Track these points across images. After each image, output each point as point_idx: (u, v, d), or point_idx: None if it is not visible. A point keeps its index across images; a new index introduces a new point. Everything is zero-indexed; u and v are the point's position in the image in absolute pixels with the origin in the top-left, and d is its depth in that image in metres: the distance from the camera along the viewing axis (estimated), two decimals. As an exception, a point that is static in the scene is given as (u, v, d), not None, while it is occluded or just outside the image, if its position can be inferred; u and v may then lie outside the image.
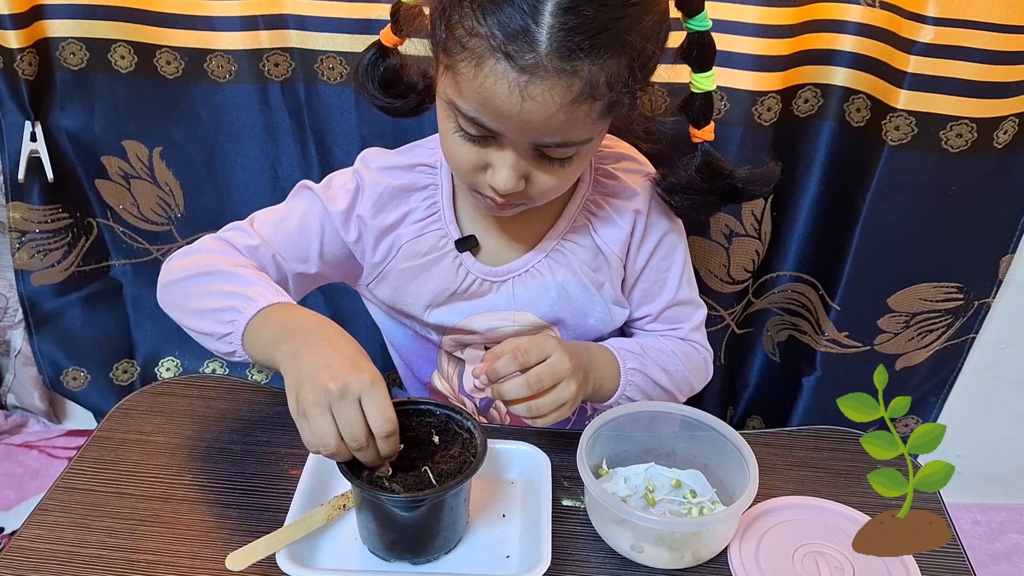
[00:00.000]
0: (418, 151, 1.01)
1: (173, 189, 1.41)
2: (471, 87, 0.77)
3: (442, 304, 1.01)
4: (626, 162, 1.02)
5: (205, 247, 0.97)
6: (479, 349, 1.05)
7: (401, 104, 0.97)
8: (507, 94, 0.75)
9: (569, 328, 1.03)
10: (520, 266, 1.00)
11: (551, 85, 0.74)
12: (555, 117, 0.77)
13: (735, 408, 1.60)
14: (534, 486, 0.89)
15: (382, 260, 1.00)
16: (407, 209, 0.98)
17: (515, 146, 0.82)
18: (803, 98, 1.25)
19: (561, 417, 0.87)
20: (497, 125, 0.79)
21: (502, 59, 0.74)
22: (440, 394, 1.12)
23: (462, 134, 0.83)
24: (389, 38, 0.94)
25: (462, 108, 0.80)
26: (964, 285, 1.37)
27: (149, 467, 0.92)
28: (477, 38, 0.75)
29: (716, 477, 0.89)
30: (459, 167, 0.87)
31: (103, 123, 1.36)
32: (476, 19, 0.74)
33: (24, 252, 1.46)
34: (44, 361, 1.57)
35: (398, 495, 0.75)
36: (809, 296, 1.43)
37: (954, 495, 0.97)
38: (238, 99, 1.31)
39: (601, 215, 1.00)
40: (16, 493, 1.61)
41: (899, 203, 1.26)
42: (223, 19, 1.24)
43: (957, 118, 1.17)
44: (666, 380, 1.02)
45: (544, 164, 0.84)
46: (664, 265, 1.04)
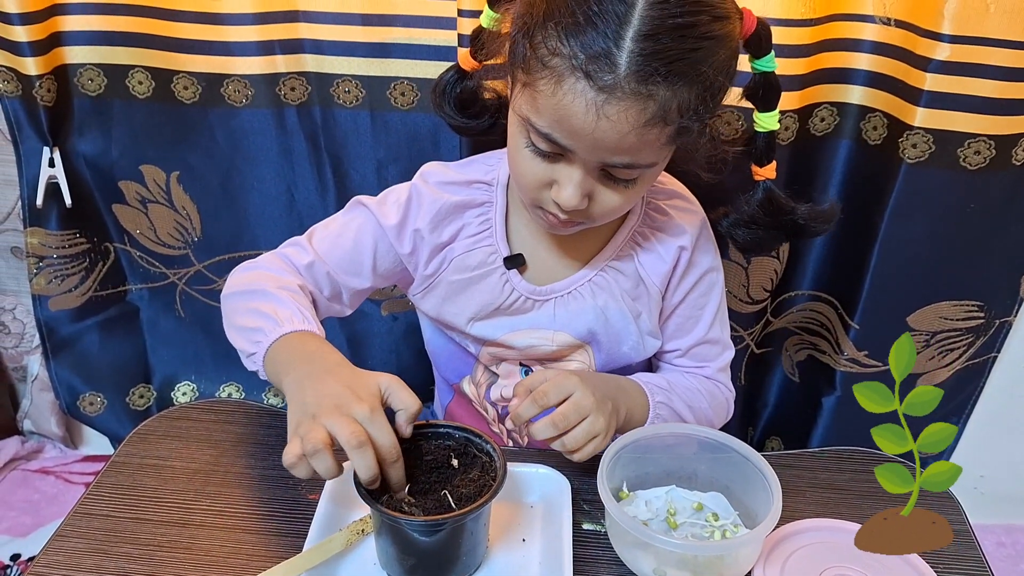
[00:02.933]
0: (476, 167, 1.04)
1: (190, 213, 1.41)
2: (549, 104, 0.80)
3: (485, 318, 1.03)
4: (677, 200, 1.04)
5: (263, 263, 1.02)
6: (514, 364, 1.07)
7: (475, 124, 1.04)
8: (583, 112, 0.78)
9: (603, 351, 1.04)
10: (564, 287, 1.02)
11: (627, 106, 0.77)
12: (627, 138, 0.79)
13: (754, 428, 1.59)
14: (554, 510, 0.88)
15: (434, 273, 1.03)
16: (461, 224, 1.01)
17: (583, 164, 0.84)
18: (819, 116, 1.25)
19: (599, 448, 0.89)
20: (570, 142, 0.82)
21: (582, 78, 0.77)
22: (465, 397, 1.14)
23: (532, 149, 0.86)
24: (467, 61, 1.00)
25: (537, 124, 0.83)
26: (984, 303, 1.35)
27: (167, 492, 0.92)
28: (559, 57, 0.78)
29: (738, 499, 0.88)
30: (526, 182, 0.90)
31: (121, 148, 1.37)
32: (560, 40, 0.78)
33: (42, 277, 1.46)
34: (61, 386, 1.57)
35: (417, 519, 0.75)
36: (828, 315, 1.42)
37: (978, 516, 0.96)
38: (255, 123, 1.32)
39: (647, 247, 1.02)
40: (33, 519, 1.61)
41: (917, 221, 1.25)
42: (240, 44, 1.25)
43: (975, 135, 1.17)
44: (689, 416, 1.04)
45: (608, 184, 0.87)
46: (700, 303, 1.06)
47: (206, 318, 1.53)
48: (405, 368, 1.53)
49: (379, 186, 1.32)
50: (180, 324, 1.55)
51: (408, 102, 1.27)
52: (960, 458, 1.53)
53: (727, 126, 0.98)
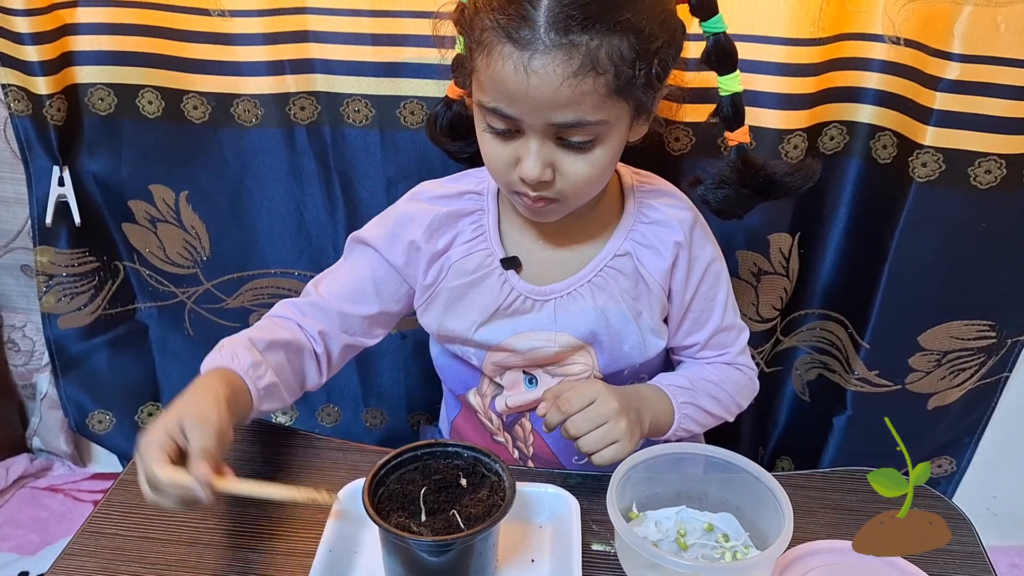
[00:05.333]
0: (467, 180, 1.07)
1: (199, 232, 1.42)
2: (487, 77, 0.85)
3: (487, 321, 1.04)
4: (666, 198, 1.05)
5: (274, 311, 1.07)
6: (517, 373, 1.09)
7: (465, 145, 1.09)
8: (514, 73, 0.82)
9: (605, 352, 1.05)
10: (563, 288, 1.03)
11: (551, 58, 0.80)
12: (561, 91, 0.82)
13: (764, 448, 1.58)
14: (563, 530, 0.87)
15: (433, 282, 1.05)
16: (456, 232, 1.04)
17: (535, 132, 0.87)
18: (829, 135, 1.25)
19: (620, 454, 0.91)
20: (513, 109, 0.85)
21: (507, 42, 0.82)
22: (472, 409, 1.15)
23: (491, 132, 0.90)
24: (453, 91, 1.06)
25: (484, 102, 0.87)
26: (996, 323, 1.34)
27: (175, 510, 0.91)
28: (487, 32, 0.83)
29: (749, 520, 0.88)
30: (494, 167, 0.93)
31: (130, 167, 1.38)
32: (487, 15, 0.83)
33: (51, 296, 1.47)
34: (70, 404, 1.57)
35: (426, 539, 0.74)
36: (838, 334, 1.41)
37: (991, 538, 0.95)
38: (264, 143, 1.32)
39: (644, 244, 1.03)
40: (41, 537, 1.60)
41: (928, 240, 1.25)
42: (250, 64, 1.26)
43: (985, 154, 1.16)
44: (716, 407, 1.07)
45: (568, 150, 0.88)
46: (711, 294, 1.08)
47: (215, 336, 1.50)
48: (414, 385, 1.53)
49: (388, 205, 1.32)
50: (189, 342, 1.55)
51: (417, 121, 1.27)
52: (972, 480, 1.52)
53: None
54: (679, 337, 1.10)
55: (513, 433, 1.14)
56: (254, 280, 1.45)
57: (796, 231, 1.32)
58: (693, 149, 1.24)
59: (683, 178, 1.09)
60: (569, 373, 1.07)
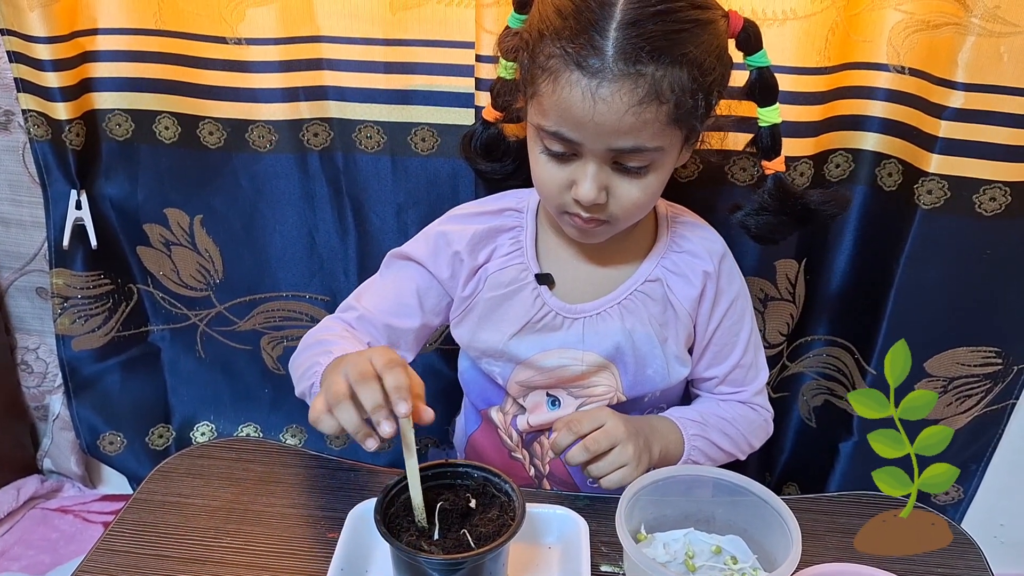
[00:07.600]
0: (507, 199, 1.11)
1: (213, 255, 1.44)
2: (551, 102, 0.88)
3: (519, 333, 1.06)
4: (699, 230, 1.09)
5: (323, 324, 1.09)
6: (540, 395, 1.10)
7: (499, 167, 1.14)
8: (581, 100, 0.85)
9: (629, 373, 1.07)
10: (594, 308, 1.05)
11: (619, 87, 0.84)
12: (625, 118, 0.85)
13: (771, 474, 1.58)
14: (572, 551, 0.88)
15: (471, 294, 1.08)
16: (495, 246, 1.07)
17: (595, 156, 0.90)
18: (835, 163, 1.26)
19: (627, 478, 0.93)
20: (576, 134, 0.88)
21: (575, 69, 0.84)
22: (492, 425, 1.17)
23: (547, 154, 0.93)
24: (490, 113, 1.10)
25: (545, 126, 0.90)
26: (1002, 349, 1.35)
27: (188, 529, 0.93)
28: (554, 59, 0.86)
29: (757, 543, 0.88)
30: (548, 189, 0.96)
31: (146, 192, 1.40)
32: (554, 44, 0.86)
33: (66, 318, 1.48)
34: (82, 425, 1.58)
35: (437, 557, 0.75)
36: (844, 360, 1.42)
37: (1000, 566, 0.95)
38: (278, 168, 1.34)
39: (675, 271, 1.06)
40: (51, 558, 1.61)
41: (933, 267, 1.25)
42: (265, 91, 1.28)
43: (990, 182, 1.18)
44: (727, 443, 1.09)
45: (623, 174, 0.92)
46: (734, 329, 1.10)
47: (226, 359, 1.54)
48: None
49: (399, 230, 1.34)
50: (200, 365, 1.56)
51: (428, 147, 1.29)
52: (979, 507, 1.51)
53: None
54: (699, 368, 1.12)
55: (531, 450, 1.15)
56: (266, 303, 1.46)
57: (802, 257, 1.33)
58: (700, 177, 1.25)
59: (688, 206, 1.11)
60: (593, 394, 1.08)
